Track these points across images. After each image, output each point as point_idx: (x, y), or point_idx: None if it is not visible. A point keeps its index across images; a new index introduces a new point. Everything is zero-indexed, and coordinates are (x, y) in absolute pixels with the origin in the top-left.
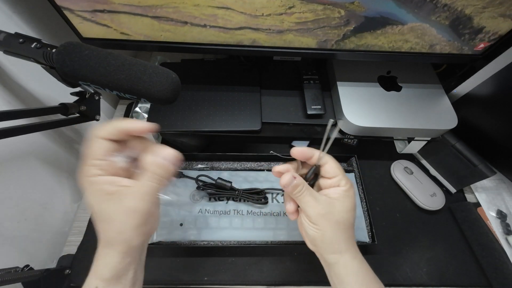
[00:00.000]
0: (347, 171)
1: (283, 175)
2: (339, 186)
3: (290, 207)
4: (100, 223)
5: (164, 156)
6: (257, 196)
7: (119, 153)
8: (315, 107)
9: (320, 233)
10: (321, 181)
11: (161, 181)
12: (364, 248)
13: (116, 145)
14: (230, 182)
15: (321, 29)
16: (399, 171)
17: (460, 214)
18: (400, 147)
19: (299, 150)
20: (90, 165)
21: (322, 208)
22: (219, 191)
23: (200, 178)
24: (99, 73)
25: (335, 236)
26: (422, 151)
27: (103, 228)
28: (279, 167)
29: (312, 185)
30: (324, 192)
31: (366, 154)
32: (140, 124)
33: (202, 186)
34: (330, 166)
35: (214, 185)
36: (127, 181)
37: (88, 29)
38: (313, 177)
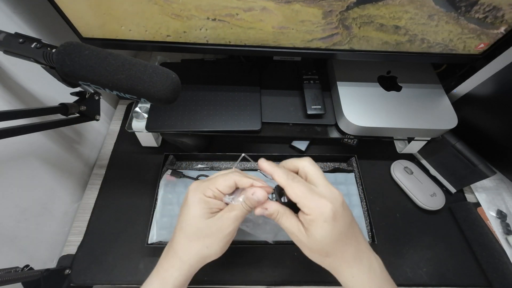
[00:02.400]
0: (347, 171)
1: (257, 209)
2: (304, 214)
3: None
4: (190, 238)
5: (256, 195)
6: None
7: (230, 195)
8: (315, 107)
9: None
10: None
11: (247, 209)
12: None
13: (234, 187)
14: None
15: (326, 0)
16: (399, 171)
17: (460, 214)
18: (400, 147)
19: (264, 165)
20: (211, 189)
21: (297, 235)
22: None
23: (200, 178)
24: (99, 73)
25: (325, 262)
26: (422, 151)
27: (190, 241)
28: (266, 164)
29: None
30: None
31: (366, 154)
32: (262, 192)
33: None
34: (287, 191)
35: None
36: (224, 205)
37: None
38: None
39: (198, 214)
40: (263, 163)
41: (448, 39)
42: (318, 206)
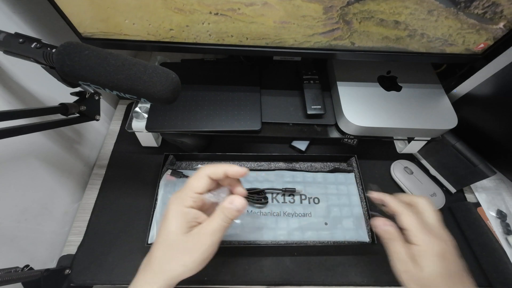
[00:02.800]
0: (346, 171)
1: (377, 218)
2: (412, 244)
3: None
4: (166, 252)
5: (232, 201)
6: (257, 196)
7: (212, 191)
8: (315, 107)
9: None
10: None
11: (227, 222)
12: (364, 248)
13: (213, 183)
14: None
15: None
16: (399, 171)
17: (460, 214)
18: (400, 147)
19: (375, 195)
20: (190, 196)
21: (406, 263)
22: None
23: None
24: (99, 73)
25: None
26: (422, 151)
27: (165, 256)
28: (376, 194)
29: None
30: (412, 248)
31: (366, 154)
32: (240, 170)
33: None
34: (403, 218)
35: None
36: (204, 217)
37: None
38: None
39: (175, 229)
40: (373, 194)
41: (448, 34)
42: (431, 240)
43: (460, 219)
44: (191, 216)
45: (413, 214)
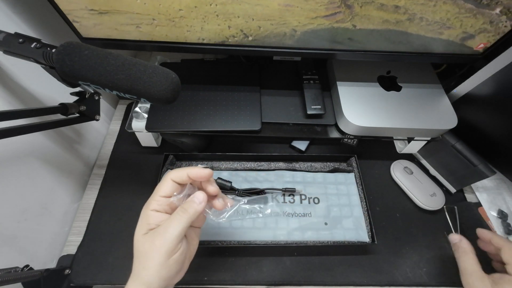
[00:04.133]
0: (346, 171)
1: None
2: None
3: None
4: (135, 255)
5: (196, 196)
6: (257, 196)
7: (177, 193)
8: (315, 107)
9: None
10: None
11: (186, 216)
12: (364, 248)
13: (178, 186)
14: (230, 182)
15: None
16: (399, 171)
17: (461, 214)
18: (400, 147)
19: (485, 234)
20: (154, 200)
21: (475, 277)
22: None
23: None
24: (99, 73)
25: None
26: (422, 151)
27: (135, 260)
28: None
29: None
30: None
31: (366, 154)
32: (201, 172)
33: None
34: (504, 251)
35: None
36: (164, 219)
37: None
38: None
39: (138, 231)
40: (482, 232)
41: (446, 18)
42: None
43: (461, 219)
44: (152, 218)
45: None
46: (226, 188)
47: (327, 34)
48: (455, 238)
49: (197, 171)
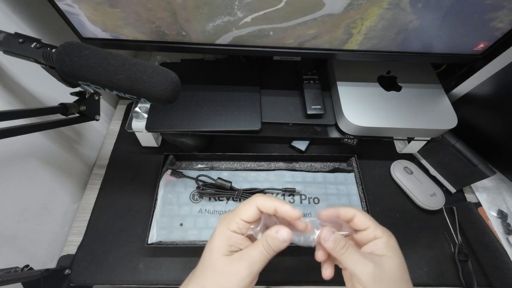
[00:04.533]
0: (346, 171)
1: (322, 229)
2: (375, 239)
3: (320, 255)
4: (206, 270)
5: (281, 234)
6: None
7: (257, 224)
8: (315, 107)
9: None
10: (356, 239)
11: (269, 252)
12: None
13: (261, 215)
14: (230, 182)
15: None
16: (399, 171)
17: (460, 214)
18: (400, 147)
19: (326, 214)
20: (235, 221)
21: (374, 267)
22: (219, 191)
23: (200, 178)
24: (99, 73)
25: None
26: (422, 151)
27: (205, 273)
28: (326, 211)
29: None
30: (364, 249)
31: (366, 154)
32: (291, 212)
33: (202, 186)
34: (358, 218)
35: (214, 185)
36: (247, 244)
37: None
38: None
39: (218, 249)
40: (322, 213)
41: None
42: (387, 232)
43: (461, 219)
44: (233, 240)
45: (364, 213)
46: (226, 188)
47: None
48: (327, 233)
49: (287, 210)
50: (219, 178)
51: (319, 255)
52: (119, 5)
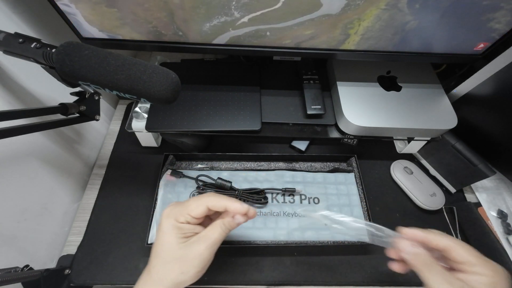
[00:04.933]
0: (346, 171)
1: (400, 239)
2: (475, 274)
3: (392, 253)
4: (164, 263)
5: (235, 216)
6: (257, 196)
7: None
8: (315, 107)
9: None
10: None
11: (226, 232)
12: (364, 248)
13: (210, 212)
14: (230, 182)
15: None
16: (399, 171)
17: (460, 214)
18: (400, 147)
19: (410, 234)
20: (183, 215)
21: None
22: (219, 191)
23: (200, 178)
24: (99, 73)
25: None
26: (422, 151)
27: (166, 267)
28: (406, 230)
29: None
30: (458, 275)
31: (366, 154)
32: (241, 208)
33: (202, 186)
34: (456, 252)
35: (214, 185)
36: (199, 229)
37: None
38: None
39: (172, 240)
40: (407, 232)
41: None
42: (497, 269)
43: (461, 219)
44: (185, 229)
45: (465, 244)
46: (226, 188)
47: None
48: (405, 245)
49: (236, 208)
50: (219, 178)
51: (391, 253)
52: (117, 5)
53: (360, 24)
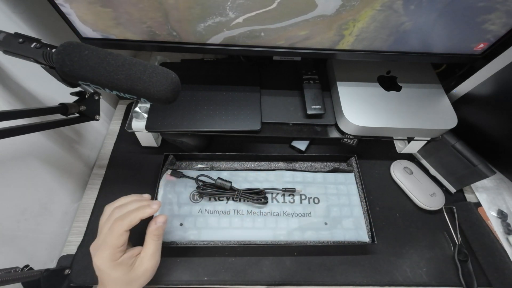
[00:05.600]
0: (346, 171)
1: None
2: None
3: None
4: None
5: (156, 221)
6: (257, 196)
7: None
8: (315, 107)
9: None
10: None
11: (159, 238)
12: (364, 248)
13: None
14: (230, 182)
15: None
16: (399, 171)
17: (460, 214)
18: (400, 147)
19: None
20: (116, 252)
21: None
22: (219, 191)
23: (200, 178)
24: (98, 73)
25: None
26: (422, 151)
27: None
28: None
29: None
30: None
31: (366, 154)
32: (150, 210)
33: (202, 186)
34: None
35: (214, 185)
36: (137, 250)
37: None
38: None
39: (119, 275)
40: None
41: None
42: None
43: (461, 219)
44: (125, 260)
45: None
46: (226, 188)
47: None
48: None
49: (150, 212)
50: (219, 178)
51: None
52: (111, 5)
53: (355, 25)
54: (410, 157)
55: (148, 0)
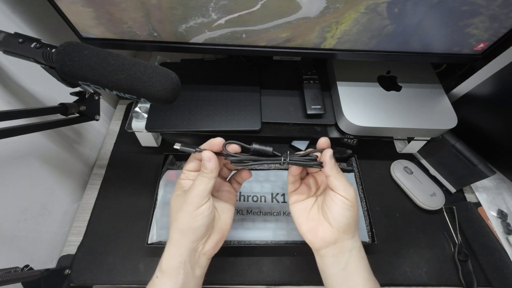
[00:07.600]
0: (347, 171)
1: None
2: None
3: (295, 170)
4: (170, 215)
5: (203, 158)
6: (309, 157)
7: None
8: (315, 107)
9: (354, 213)
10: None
11: (206, 176)
12: (364, 248)
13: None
14: (271, 146)
15: None
16: (399, 171)
17: (460, 214)
18: (400, 147)
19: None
20: (183, 173)
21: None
22: (259, 159)
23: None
24: (98, 73)
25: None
26: (422, 151)
27: (170, 218)
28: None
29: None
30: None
31: (366, 154)
32: (217, 140)
33: (238, 155)
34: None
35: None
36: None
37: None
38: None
39: (173, 195)
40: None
41: None
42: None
43: (461, 219)
44: (183, 183)
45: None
46: (268, 155)
47: None
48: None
49: (206, 154)
50: (254, 142)
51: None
52: (93, 5)
53: (338, 27)
54: (410, 157)
55: (130, 0)
